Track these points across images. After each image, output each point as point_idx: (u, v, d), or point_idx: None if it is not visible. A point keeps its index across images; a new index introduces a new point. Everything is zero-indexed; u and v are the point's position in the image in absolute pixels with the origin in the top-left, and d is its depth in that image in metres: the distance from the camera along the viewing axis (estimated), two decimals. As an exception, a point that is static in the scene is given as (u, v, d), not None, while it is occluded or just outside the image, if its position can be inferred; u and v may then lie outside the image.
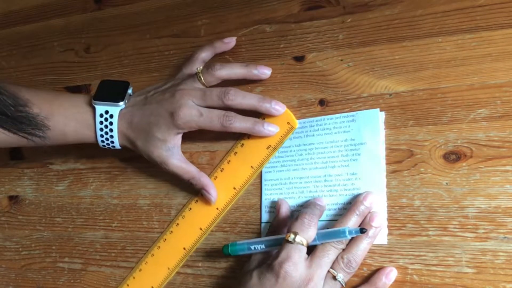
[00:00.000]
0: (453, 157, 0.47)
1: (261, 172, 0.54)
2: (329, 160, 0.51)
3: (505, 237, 0.44)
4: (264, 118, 0.53)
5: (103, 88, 0.56)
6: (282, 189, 0.53)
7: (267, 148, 0.53)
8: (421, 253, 0.47)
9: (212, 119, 0.51)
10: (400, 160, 0.49)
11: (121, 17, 0.65)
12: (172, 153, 0.53)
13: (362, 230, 0.45)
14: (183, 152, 0.57)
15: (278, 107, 0.52)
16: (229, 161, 0.55)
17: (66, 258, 0.63)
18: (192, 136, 0.58)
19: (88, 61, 0.66)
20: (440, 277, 0.46)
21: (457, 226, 0.46)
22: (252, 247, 0.49)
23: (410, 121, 0.49)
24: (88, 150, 0.63)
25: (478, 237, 0.45)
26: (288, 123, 0.53)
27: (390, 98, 0.50)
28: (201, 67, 0.54)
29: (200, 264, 0.56)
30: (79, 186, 0.64)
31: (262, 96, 0.53)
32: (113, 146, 0.56)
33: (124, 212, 0.61)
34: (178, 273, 0.57)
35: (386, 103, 0.50)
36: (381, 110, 0.50)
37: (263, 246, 0.49)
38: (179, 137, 0.54)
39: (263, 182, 0.54)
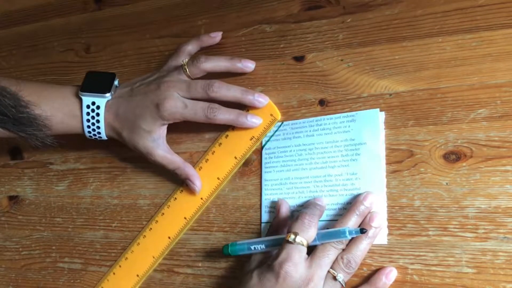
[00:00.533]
0: (453, 157, 0.47)
1: (261, 172, 0.54)
2: (329, 160, 0.51)
3: (505, 237, 0.44)
4: (248, 110, 0.54)
5: (90, 80, 0.56)
6: (282, 189, 0.53)
7: (251, 139, 0.54)
8: (421, 253, 0.47)
9: (197, 111, 0.52)
10: (400, 160, 0.49)
11: (121, 17, 0.65)
12: (158, 144, 0.54)
13: (362, 230, 0.45)
14: (183, 153, 0.58)
15: (261, 99, 0.53)
16: (214, 151, 0.56)
17: (66, 258, 0.63)
18: (192, 136, 0.58)
19: (88, 61, 0.66)
20: (440, 277, 0.46)
21: (457, 226, 0.46)
22: (252, 247, 0.49)
23: (410, 121, 0.49)
24: (88, 150, 0.63)
25: (478, 237, 0.45)
26: (271, 114, 0.54)
27: (390, 98, 0.50)
28: (187, 59, 0.55)
29: (200, 264, 0.56)
30: (79, 186, 0.64)
31: (245, 89, 0.54)
32: (100, 137, 0.56)
33: (124, 212, 0.61)
34: (178, 273, 0.57)
35: (386, 103, 0.50)
36: (381, 110, 0.50)
37: (263, 246, 0.49)
38: (164, 128, 0.55)
39: (263, 182, 0.54)
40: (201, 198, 0.56)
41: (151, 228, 0.58)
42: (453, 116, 0.47)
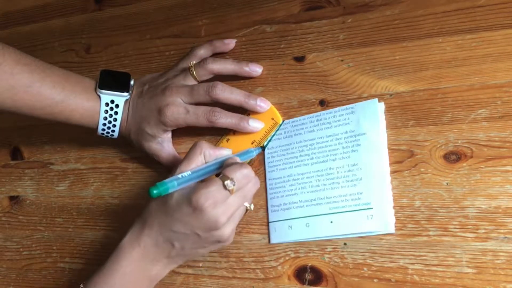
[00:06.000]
0: (454, 157, 0.47)
1: (264, 172, 0.54)
2: (330, 153, 0.51)
3: (505, 237, 0.44)
4: (249, 114, 0.54)
5: (106, 78, 0.55)
6: (286, 187, 0.53)
7: (252, 143, 0.54)
8: (422, 253, 0.47)
9: (199, 115, 0.52)
10: (400, 160, 0.49)
11: (121, 17, 0.65)
12: (162, 146, 0.55)
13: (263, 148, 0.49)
14: (184, 153, 0.57)
15: (263, 104, 0.53)
16: None
17: (67, 259, 0.63)
18: (192, 136, 0.58)
19: (89, 61, 0.66)
20: (440, 277, 0.46)
21: (457, 226, 0.46)
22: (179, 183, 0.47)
23: (411, 121, 0.49)
24: (88, 151, 0.63)
25: (479, 237, 0.45)
26: (272, 118, 0.54)
27: (390, 98, 0.50)
28: (194, 62, 0.55)
29: (200, 264, 0.56)
30: (80, 187, 0.64)
31: (248, 93, 0.54)
32: (112, 135, 0.56)
33: (125, 213, 0.61)
34: (178, 273, 0.57)
35: (387, 103, 0.50)
36: (381, 111, 0.50)
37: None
38: (169, 132, 0.55)
39: (267, 182, 0.54)
40: None
41: None
42: (453, 116, 0.47)
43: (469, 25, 0.48)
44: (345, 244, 0.49)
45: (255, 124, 0.53)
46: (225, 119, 0.52)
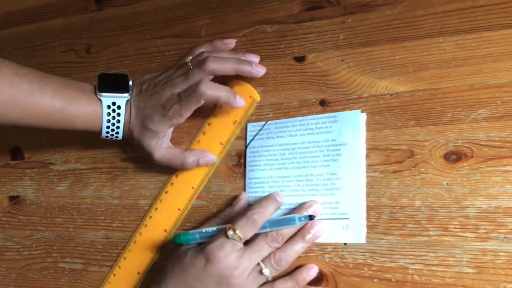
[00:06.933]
0: (454, 157, 0.47)
1: (244, 170, 0.55)
2: (310, 160, 0.51)
3: (505, 237, 0.44)
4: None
5: (105, 81, 0.55)
6: (265, 188, 0.53)
7: (233, 123, 0.55)
8: (422, 253, 0.47)
9: (190, 95, 0.51)
10: (400, 160, 0.49)
11: (121, 17, 0.65)
12: (162, 142, 0.55)
13: (311, 217, 0.47)
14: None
15: (259, 69, 0.54)
16: (199, 141, 0.57)
17: (67, 258, 0.63)
18: (192, 137, 0.58)
19: (89, 61, 0.66)
20: (440, 277, 0.46)
21: (457, 226, 0.46)
22: (200, 237, 0.51)
23: (411, 121, 0.49)
24: (88, 150, 0.63)
25: (479, 237, 0.45)
26: (250, 96, 0.55)
27: (390, 98, 0.50)
28: (191, 57, 0.55)
29: (201, 264, 0.56)
30: (80, 187, 0.64)
31: (240, 59, 0.54)
32: (116, 137, 0.56)
33: (125, 212, 0.61)
34: (179, 273, 0.57)
35: (387, 103, 0.50)
36: (381, 111, 0.50)
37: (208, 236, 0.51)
38: (171, 129, 0.55)
39: (247, 181, 0.54)
40: (192, 187, 0.57)
41: (146, 225, 0.58)
42: (453, 116, 0.47)
43: (469, 25, 0.48)
44: (345, 244, 0.49)
45: (241, 100, 0.53)
46: (214, 91, 0.51)
